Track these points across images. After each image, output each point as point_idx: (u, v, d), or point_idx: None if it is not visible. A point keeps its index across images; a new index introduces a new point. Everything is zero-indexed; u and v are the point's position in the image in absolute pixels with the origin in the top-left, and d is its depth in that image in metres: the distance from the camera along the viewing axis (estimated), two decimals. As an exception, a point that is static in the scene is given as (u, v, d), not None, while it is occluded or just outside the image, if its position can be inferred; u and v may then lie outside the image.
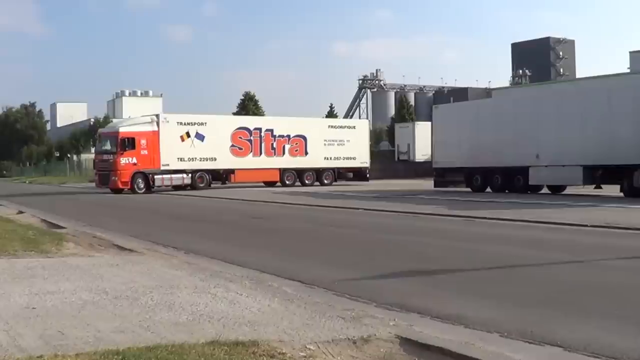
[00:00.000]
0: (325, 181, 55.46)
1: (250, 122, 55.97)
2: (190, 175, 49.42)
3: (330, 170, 56.11)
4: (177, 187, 48.80)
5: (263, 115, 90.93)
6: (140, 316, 8.70)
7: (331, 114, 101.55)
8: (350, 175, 57.19)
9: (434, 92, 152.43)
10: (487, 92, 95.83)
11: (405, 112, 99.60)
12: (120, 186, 46.82)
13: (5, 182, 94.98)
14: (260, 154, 53.21)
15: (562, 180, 34.59)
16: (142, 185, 47.37)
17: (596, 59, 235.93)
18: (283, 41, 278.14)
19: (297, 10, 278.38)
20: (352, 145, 56.94)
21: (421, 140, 65.48)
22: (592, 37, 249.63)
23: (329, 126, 59.46)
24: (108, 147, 48.18)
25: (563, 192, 35.24)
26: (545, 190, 35.82)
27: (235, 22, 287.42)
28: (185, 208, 33.88)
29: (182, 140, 49.01)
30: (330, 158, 55.93)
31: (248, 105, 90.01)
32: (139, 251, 15.92)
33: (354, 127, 60.26)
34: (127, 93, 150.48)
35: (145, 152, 47.49)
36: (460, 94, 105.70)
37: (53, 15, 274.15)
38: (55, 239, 17.72)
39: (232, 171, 51.59)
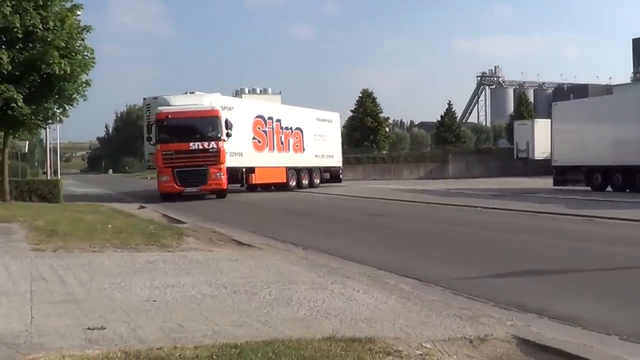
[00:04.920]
0: (316, 181, 47.66)
1: (265, 109, 44.54)
2: None
3: (318, 169, 48.22)
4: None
5: (381, 113, 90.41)
6: (259, 311, 8.84)
7: (449, 111, 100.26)
8: (328, 175, 49.15)
9: (553, 88, 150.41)
10: (608, 89, 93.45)
11: (524, 109, 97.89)
12: (224, 186, 36.44)
13: (127, 177, 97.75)
14: (274, 149, 43.40)
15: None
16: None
17: None
18: (402, 39, 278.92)
19: (417, 9, 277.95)
20: (330, 141, 49.69)
21: (540, 138, 63.90)
22: None
23: (316, 118, 49.08)
24: (200, 131, 35.52)
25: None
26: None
27: (356, 21, 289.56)
28: (300, 204, 34.12)
29: None
30: (318, 155, 47.99)
31: (366, 102, 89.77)
32: (257, 246, 16.15)
33: (331, 121, 51.00)
34: (246, 91, 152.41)
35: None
36: (580, 91, 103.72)
37: (176, 14, 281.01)
38: (176, 233, 18.14)
39: (252, 170, 40.37)
